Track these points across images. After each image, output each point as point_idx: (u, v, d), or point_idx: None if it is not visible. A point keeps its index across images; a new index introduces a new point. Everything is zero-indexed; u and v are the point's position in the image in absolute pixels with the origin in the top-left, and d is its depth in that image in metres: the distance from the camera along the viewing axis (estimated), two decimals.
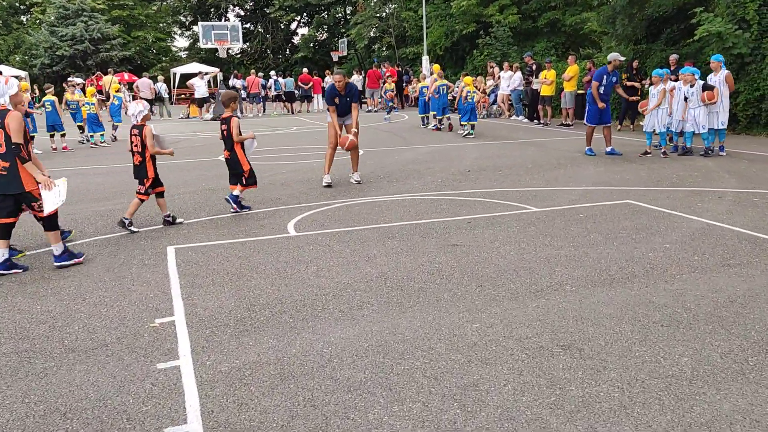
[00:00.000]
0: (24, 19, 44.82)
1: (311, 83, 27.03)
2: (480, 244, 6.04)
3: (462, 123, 15.62)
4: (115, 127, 17.16)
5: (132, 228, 6.80)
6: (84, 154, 14.36)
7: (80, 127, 16.00)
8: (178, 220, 7.22)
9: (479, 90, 21.45)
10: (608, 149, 11.64)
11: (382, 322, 4.20)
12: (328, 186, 9.09)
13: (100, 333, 4.16)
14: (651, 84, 11.75)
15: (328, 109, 9.06)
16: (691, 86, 11.09)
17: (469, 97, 15.39)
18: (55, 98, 14.39)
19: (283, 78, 27.39)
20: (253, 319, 4.31)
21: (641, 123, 15.40)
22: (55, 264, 5.63)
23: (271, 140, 15.77)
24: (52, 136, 14.49)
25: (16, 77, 21.10)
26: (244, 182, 7.71)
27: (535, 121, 18.75)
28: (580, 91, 17.50)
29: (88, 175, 10.99)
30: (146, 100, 25.35)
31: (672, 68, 13.74)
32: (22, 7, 44.27)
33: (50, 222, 5.59)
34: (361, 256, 5.75)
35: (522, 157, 11.67)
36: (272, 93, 27.03)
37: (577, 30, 25.58)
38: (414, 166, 10.95)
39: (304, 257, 5.75)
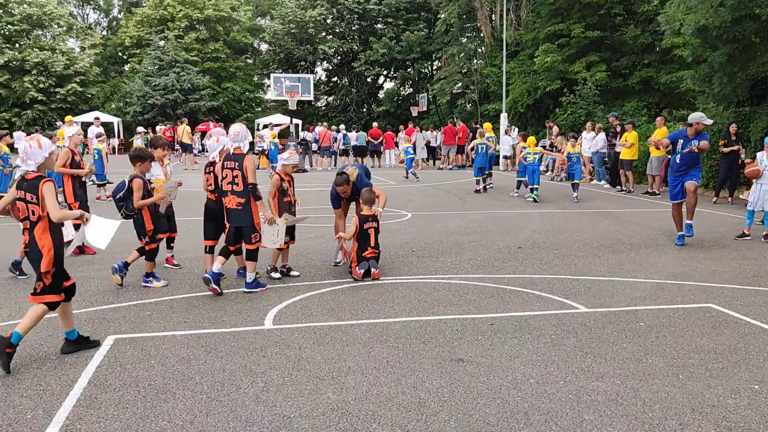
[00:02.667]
0: (126, 68, 47.27)
1: (381, 138, 26.23)
2: (494, 361, 4.55)
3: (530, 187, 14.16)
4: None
5: (293, 273, 7.10)
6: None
7: None
8: (293, 273, 7.14)
9: (560, 150, 19.85)
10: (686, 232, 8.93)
11: None
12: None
13: None
14: (754, 151, 9.83)
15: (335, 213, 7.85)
16: None
17: (528, 160, 14.06)
18: (102, 147, 14.10)
19: (356, 132, 26.71)
20: None
21: (741, 196, 13.30)
22: (245, 290, 6.35)
23: (323, 197, 14.62)
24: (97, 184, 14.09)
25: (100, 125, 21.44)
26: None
27: (618, 186, 16.87)
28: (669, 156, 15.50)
29: None
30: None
31: None
32: (124, 57, 46.77)
33: (253, 254, 6.33)
34: (330, 369, 4.40)
35: (589, 232, 9.97)
36: (341, 147, 26.46)
37: (672, 89, 23.39)
38: (458, 237, 9.50)
39: (258, 366, 4.46)
